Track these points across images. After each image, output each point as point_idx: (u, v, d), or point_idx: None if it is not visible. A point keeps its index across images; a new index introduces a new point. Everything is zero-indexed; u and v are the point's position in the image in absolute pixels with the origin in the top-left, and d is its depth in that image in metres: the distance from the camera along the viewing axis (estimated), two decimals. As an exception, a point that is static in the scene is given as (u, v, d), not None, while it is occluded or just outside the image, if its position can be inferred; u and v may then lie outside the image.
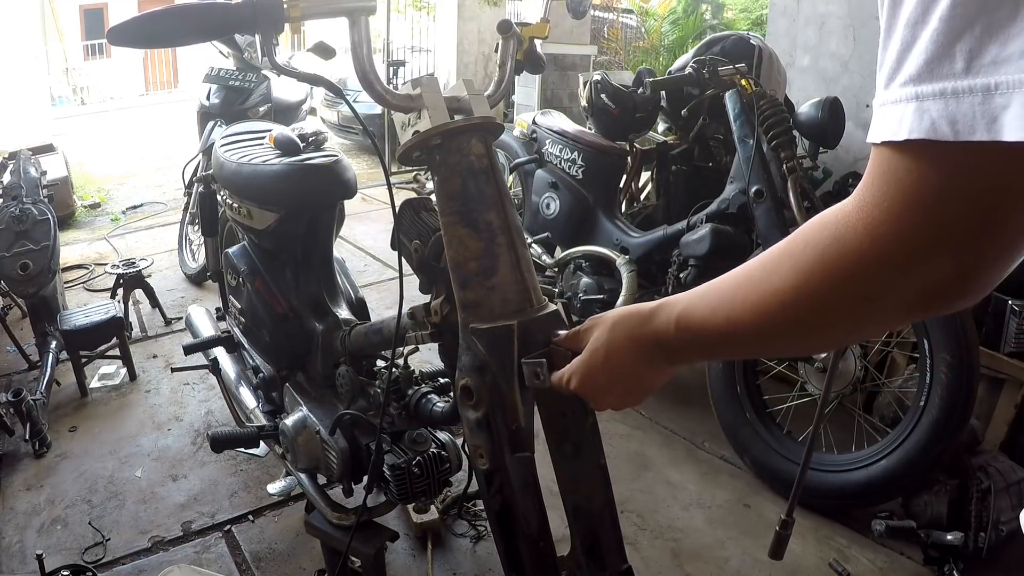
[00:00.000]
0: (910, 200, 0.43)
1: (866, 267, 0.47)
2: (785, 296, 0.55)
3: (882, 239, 0.45)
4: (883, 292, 0.48)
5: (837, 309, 0.52)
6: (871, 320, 0.52)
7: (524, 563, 1.02)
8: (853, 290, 0.49)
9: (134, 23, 0.97)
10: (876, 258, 0.46)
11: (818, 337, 0.59)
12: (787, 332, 0.58)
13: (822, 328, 0.55)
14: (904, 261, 0.45)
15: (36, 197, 2.90)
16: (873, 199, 0.46)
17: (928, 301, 0.47)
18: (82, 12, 14.67)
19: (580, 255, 2.60)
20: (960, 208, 0.42)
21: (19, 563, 1.80)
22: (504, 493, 0.99)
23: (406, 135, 1.03)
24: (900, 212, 0.44)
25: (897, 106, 0.42)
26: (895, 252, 0.45)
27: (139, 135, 8.96)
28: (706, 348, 0.69)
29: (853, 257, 0.47)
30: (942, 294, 0.46)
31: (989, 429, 2.12)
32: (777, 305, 0.56)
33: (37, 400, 2.29)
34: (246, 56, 3.55)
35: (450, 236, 0.99)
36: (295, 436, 1.55)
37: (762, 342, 0.63)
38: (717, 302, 0.63)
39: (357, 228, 4.50)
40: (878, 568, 1.83)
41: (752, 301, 0.58)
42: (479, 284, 0.96)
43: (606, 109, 2.68)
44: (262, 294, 1.73)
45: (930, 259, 0.44)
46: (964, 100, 0.38)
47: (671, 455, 2.30)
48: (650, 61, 8.82)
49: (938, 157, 0.41)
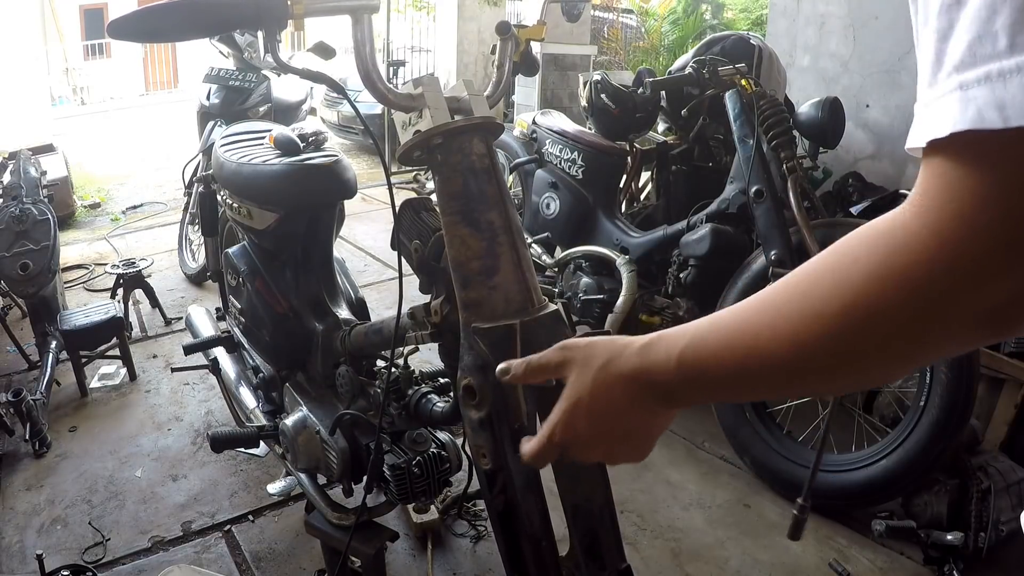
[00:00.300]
0: (976, 201, 0.38)
1: (933, 278, 0.40)
2: (831, 320, 0.46)
3: (951, 244, 0.39)
4: (951, 308, 0.41)
5: (895, 331, 0.44)
6: (930, 344, 0.44)
7: (527, 563, 1.02)
8: (916, 307, 0.42)
9: (135, 17, 0.95)
10: (946, 266, 0.40)
11: (865, 369, 0.47)
12: (827, 365, 0.48)
13: (872, 357, 0.46)
14: (977, 269, 0.39)
15: (36, 197, 2.90)
16: (933, 203, 0.40)
17: (1000, 319, 0.40)
18: (82, 12, 14.67)
19: (580, 255, 2.60)
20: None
21: (19, 563, 1.80)
22: (507, 493, 0.99)
23: (407, 135, 1.03)
24: (966, 214, 0.38)
25: (940, 101, 0.37)
26: (967, 258, 0.39)
27: (139, 135, 8.96)
28: (716, 388, 0.58)
29: (918, 268, 0.41)
30: (1016, 309, 0.40)
31: (989, 429, 2.12)
32: (819, 331, 0.47)
33: (37, 400, 2.29)
34: (246, 56, 3.55)
35: (452, 235, 0.99)
36: (295, 436, 1.55)
37: (791, 379, 0.52)
38: (735, 334, 0.53)
39: (357, 228, 4.50)
40: (878, 568, 1.83)
41: (784, 329, 0.49)
42: (481, 284, 0.97)
43: (606, 109, 2.68)
44: (262, 294, 1.73)
45: (1004, 267, 0.38)
46: (1012, 80, 0.34)
47: (671, 455, 2.30)
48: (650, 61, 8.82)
49: (992, 149, 0.36)
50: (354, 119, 6.96)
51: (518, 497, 0.99)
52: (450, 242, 0.99)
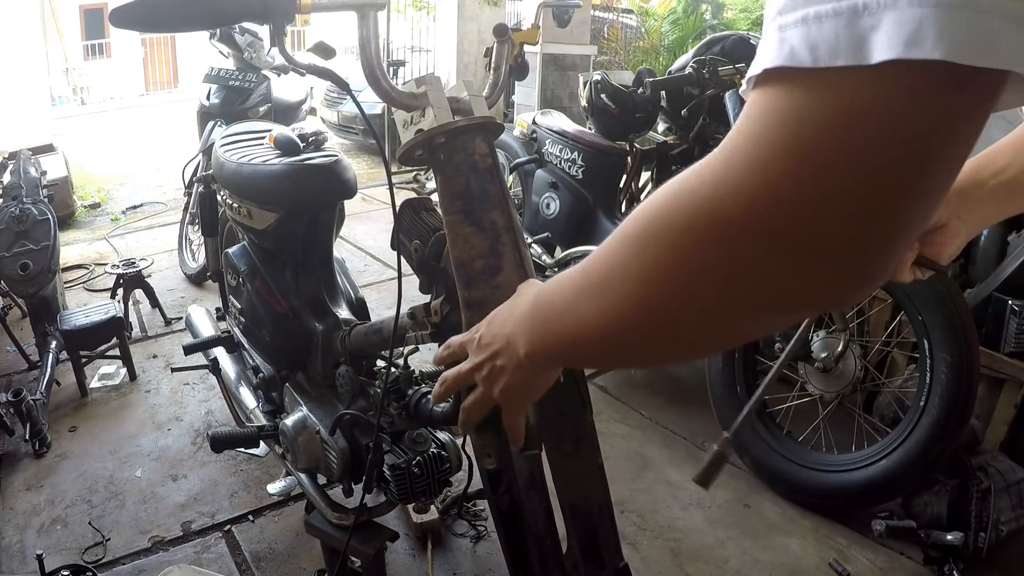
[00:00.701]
0: (770, 131, 0.36)
1: (719, 201, 0.38)
2: (636, 238, 0.45)
3: (737, 167, 0.38)
4: (737, 236, 0.38)
5: (687, 273, 0.42)
6: (736, 296, 0.41)
7: (532, 562, 1.02)
8: (700, 227, 0.40)
9: (138, 5, 0.92)
10: (728, 188, 0.38)
11: (662, 314, 0.45)
12: (640, 280, 0.45)
13: (666, 299, 0.44)
14: (759, 194, 0.37)
15: (36, 197, 2.90)
16: (732, 133, 0.39)
17: (807, 296, 0.39)
18: (82, 12, 14.66)
19: (580, 255, 2.60)
20: (835, 154, 0.35)
21: (19, 563, 1.80)
22: (512, 492, 0.99)
23: (408, 134, 1.03)
24: (760, 143, 0.37)
25: (763, 44, 0.37)
26: (750, 182, 0.37)
27: (139, 135, 8.96)
28: (559, 341, 0.56)
29: (702, 187, 0.39)
30: (820, 286, 0.38)
31: (989, 429, 2.12)
32: (626, 249, 0.46)
33: (37, 400, 2.29)
34: (246, 56, 3.55)
35: (455, 235, 0.98)
36: (295, 436, 1.55)
37: (606, 329, 0.50)
38: (575, 273, 0.53)
39: (357, 228, 4.50)
40: (878, 568, 1.83)
41: (605, 255, 0.48)
42: (484, 283, 0.96)
43: (606, 109, 2.68)
44: (262, 294, 1.73)
45: (787, 198, 0.36)
46: (827, 23, 0.34)
47: (671, 455, 2.30)
48: (650, 61, 8.81)
49: (799, 88, 0.35)
50: (354, 119, 6.96)
51: (522, 496, 0.99)
52: (453, 241, 0.99)
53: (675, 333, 0.46)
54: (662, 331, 0.47)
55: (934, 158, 0.34)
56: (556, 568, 1.03)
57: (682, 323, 0.45)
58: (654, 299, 0.45)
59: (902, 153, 0.34)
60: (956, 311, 1.81)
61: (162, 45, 14.85)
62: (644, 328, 0.47)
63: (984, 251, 2.25)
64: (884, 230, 0.37)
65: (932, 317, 1.85)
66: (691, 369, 2.78)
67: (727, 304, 0.42)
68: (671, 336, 0.47)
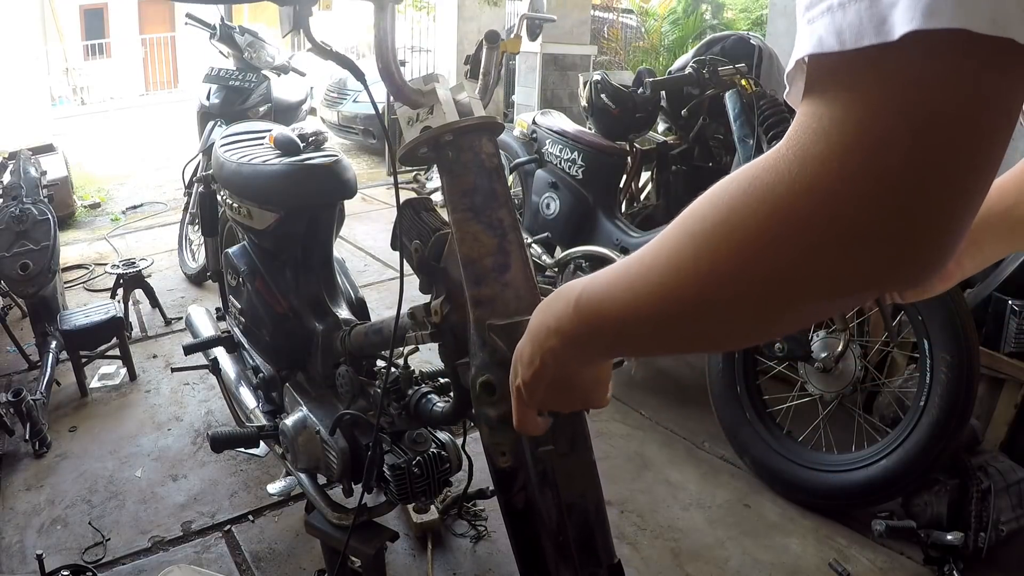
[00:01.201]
0: (822, 123, 0.37)
1: (797, 198, 0.39)
2: (701, 238, 0.45)
3: (810, 188, 0.38)
4: (813, 245, 0.39)
5: (755, 259, 0.42)
6: (794, 283, 0.42)
7: (547, 560, 1.01)
8: (779, 229, 0.40)
9: None
10: (808, 184, 0.38)
11: (733, 303, 0.45)
12: (706, 286, 0.46)
13: (738, 288, 0.44)
14: (843, 205, 0.37)
15: (36, 197, 2.90)
16: (790, 132, 0.40)
17: (871, 263, 0.38)
18: (82, 12, 14.67)
19: (580, 255, 2.60)
20: (884, 133, 0.35)
21: (19, 563, 1.80)
22: (528, 490, 0.99)
23: (413, 131, 1.03)
24: (817, 138, 0.38)
25: (796, 41, 0.38)
26: (824, 203, 0.38)
27: (139, 135, 8.96)
28: (611, 334, 0.56)
29: (782, 193, 0.40)
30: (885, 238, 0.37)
31: (989, 429, 2.12)
32: (692, 249, 0.46)
33: (37, 400, 2.29)
34: (246, 56, 3.56)
35: (464, 232, 0.99)
36: (295, 436, 1.55)
37: (674, 310, 0.49)
38: (621, 268, 0.54)
39: (357, 228, 4.50)
40: (878, 568, 1.83)
41: (664, 254, 0.48)
42: (494, 280, 0.97)
43: (606, 109, 2.68)
44: (262, 294, 1.73)
45: (862, 203, 0.37)
46: (850, 8, 0.35)
47: (671, 455, 2.30)
48: (650, 61, 8.82)
49: (837, 73, 0.36)
50: (354, 119, 6.96)
51: (537, 493, 0.99)
52: (462, 239, 0.99)
53: (734, 320, 0.47)
54: (723, 316, 0.47)
55: (976, 128, 0.35)
56: (570, 567, 1.03)
57: (743, 311, 0.45)
58: (718, 285, 0.45)
59: (950, 120, 0.34)
60: (956, 311, 1.81)
61: (162, 45, 14.86)
62: (704, 312, 0.47)
63: (984, 251, 2.25)
64: (947, 203, 0.37)
65: (932, 317, 1.85)
66: (691, 369, 2.79)
67: (795, 292, 0.42)
68: (730, 319, 0.47)
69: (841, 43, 0.35)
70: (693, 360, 2.80)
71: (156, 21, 15.39)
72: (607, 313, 0.54)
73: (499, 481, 1.01)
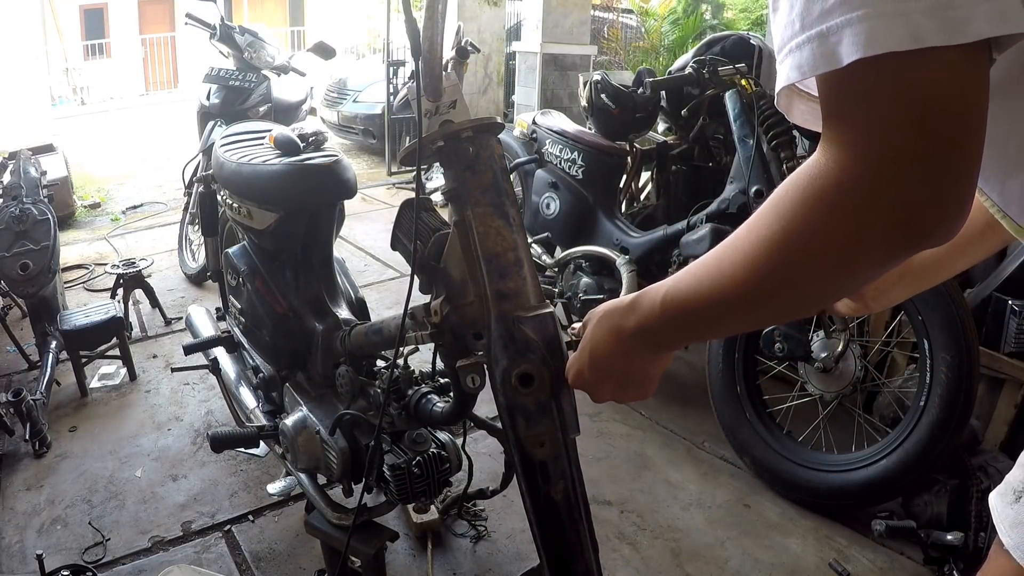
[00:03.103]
0: (846, 131, 0.49)
1: (843, 194, 0.50)
2: (772, 242, 0.55)
3: (847, 170, 0.49)
4: (864, 219, 0.50)
5: (824, 246, 0.52)
6: (857, 258, 0.52)
7: (585, 549, 1.01)
8: (835, 221, 0.51)
9: None
10: (849, 181, 0.49)
11: (809, 285, 0.57)
12: (776, 285, 0.57)
13: (811, 272, 0.55)
14: (869, 187, 0.49)
15: (36, 197, 2.90)
16: (826, 140, 0.52)
17: (903, 228, 0.49)
18: (82, 12, 14.66)
19: (580, 255, 2.60)
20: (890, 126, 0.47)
21: (19, 563, 1.80)
22: (566, 480, 0.99)
23: (431, 124, 1.03)
24: (855, 142, 0.49)
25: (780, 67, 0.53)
26: (860, 180, 0.49)
27: (139, 135, 8.96)
28: (695, 324, 0.68)
29: (831, 189, 0.50)
30: (911, 217, 0.48)
31: (989, 429, 2.12)
32: (764, 254, 0.56)
33: (37, 400, 2.29)
34: (246, 56, 3.56)
35: (487, 227, 1.00)
36: (295, 436, 1.55)
37: (750, 304, 0.61)
38: (703, 270, 0.63)
39: (357, 228, 4.50)
40: (878, 568, 1.83)
41: (739, 257, 0.59)
42: (516, 274, 0.98)
43: (606, 109, 2.68)
44: (262, 294, 1.73)
45: (887, 181, 0.48)
46: (805, 49, 0.49)
47: (671, 455, 2.30)
48: (650, 61, 8.81)
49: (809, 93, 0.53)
50: (354, 119, 6.96)
51: (575, 482, 1.00)
52: (485, 234, 0.99)
53: (810, 284, 0.57)
54: (801, 281, 0.57)
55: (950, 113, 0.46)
56: (594, 553, 1.03)
57: (815, 277, 0.56)
58: (796, 256, 0.55)
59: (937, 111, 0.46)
60: (956, 311, 1.81)
61: (162, 45, 14.86)
62: (777, 294, 0.58)
63: (984, 251, 2.25)
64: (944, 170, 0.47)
65: (932, 317, 1.85)
66: (691, 369, 2.79)
67: (851, 255, 0.52)
68: (808, 285, 0.57)
69: (801, 73, 0.49)
70: (693, 360, 2.80)
71: (156, 21, 15.38)
72: (692, 306, 0.64)
73: (537, 473, 0.98)
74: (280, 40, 6.78)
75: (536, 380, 0.94)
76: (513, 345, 0.96)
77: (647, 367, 0.76)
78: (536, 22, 6.35)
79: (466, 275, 1.02)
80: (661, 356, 0.76)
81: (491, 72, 7.33)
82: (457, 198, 1.02)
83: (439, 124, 1.02)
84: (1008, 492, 0.71)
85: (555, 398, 0.95)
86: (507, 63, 7.35)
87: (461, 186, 1.02)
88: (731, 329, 0.70)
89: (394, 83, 5.64)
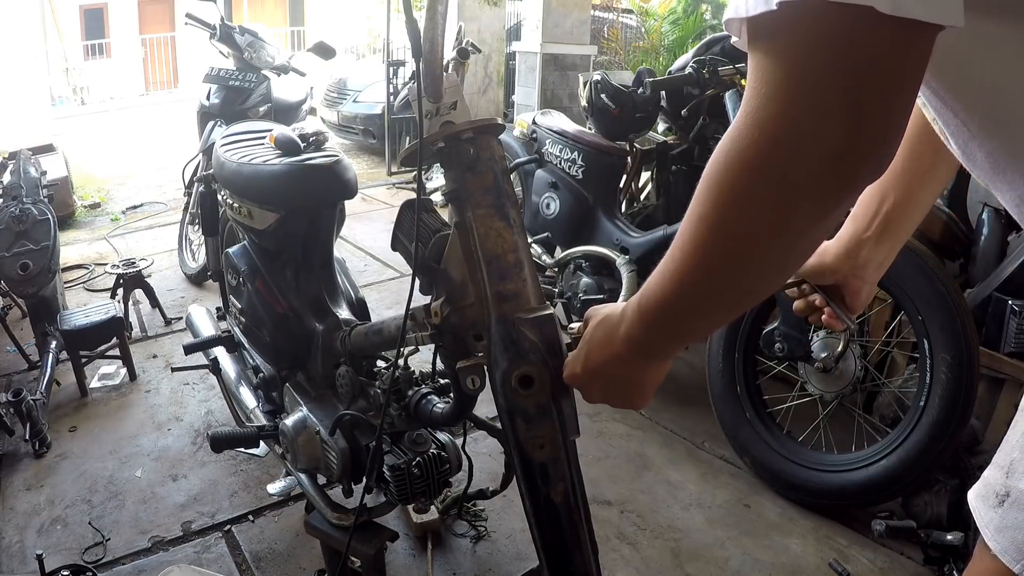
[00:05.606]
0: (763, 79, 0.48)
1: (763, 155, 0.49)
2: (709, 219, 0.54)
3: (763, 122, 0.49)
4: (789, 175, 0.48)
5: (758, 210, 0.51)
6: (797, 210, 0.50)
7: (584, 550, 1.01)
8: (761, 181, 0.50)
9: None
10: (767, 141, 0.48)
11: (757, 254, 0.55)
12: (724, 263, 0.56)
13: (754, 240, 0.53)
14: (784, 134, 0.48)
15: (36, 197, 2.90)
16: (745, 100, 0.51)
17: (836, 167, 0.47)
18: (82, 12, 14.66)
19: (580, 255, 2.60)
20: (811, 72, 0.46)
21: (19, 563, 1.80)
22: (566, 481, 0.99)
23: (432, 125, 1.03)
24: (761, 93, 0.49)
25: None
26: (776, 128, 0.48)
27: (139, 135, 8.96)
28: (670, 324, 0.66)
29: (750, 150, 0.50)
30: (841, 155, 0.47)
31: (989, 429, 2.12)
32: (706, 232, 0.55)
33: (37, 400, 2.29)
34: (246, 56, 3.55)
35: (487, 228, 0.99)
36: (295, 436, 1.55)
37: (709, 289, 0.60)
38: (663, 266, 0.63)
39: (357, 228, 4.50)
40: (878, 568, 1.83)
41: (685, 243, 0.57)
42: (517, 275, 0.98)
43: (606, 109, 2.68)
44: (262, 294, 1.73)
45: (808, 132, 0.47)
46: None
47: (671, 455, 2.30)
48: (650, 61, 8.81)
49: (759, 32, 0.48)
50: (354, 119, 6.96)
51: (575, 483, 1.00)
52: (486, 235, 0.99)
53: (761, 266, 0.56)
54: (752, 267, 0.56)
55: (867, 54, 0.45)
56: (594, 555, 1.03)
57: (758, 244, 0.54)
58: (729, 227, 0.54)
59: (860, 57, 0.45)
60: (956, 311, 1.81)
61: (162, 45, 14.86)
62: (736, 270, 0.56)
63: (984, 251, 2.25)
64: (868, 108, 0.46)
65: (932, 317, 1.85)
66: (691, 369, 2.79)
67: (786, 213, 0.51)
68: (754, 252, 0.55)
69: (747, 10, 0.48)
70: (693, 360, 2.79)
71: (156, 21, 15.38)
72: (661, 305, 0.63)
73: (537, 475, 0.98)
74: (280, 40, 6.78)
75: (536, 382, 0.94)
76: (513, 347, 0.96)
77: (642, 376, 0.76)
78: (536, 22, 6.35)
79: (466, 276, 1.02)
80: (654, 365, 0.75)
81: (491, 72, 7.33)
82: (458, 199, 1.02)
83: (440, 125, 1.01)
84: (990, 495, 0.68)
85: (555, 400, 0.95)
86: (507, 63, 7.35)
87: (462, 187, 1.01)
88: (708, 323, 0.68)
89: (394, 83, 5.64)
